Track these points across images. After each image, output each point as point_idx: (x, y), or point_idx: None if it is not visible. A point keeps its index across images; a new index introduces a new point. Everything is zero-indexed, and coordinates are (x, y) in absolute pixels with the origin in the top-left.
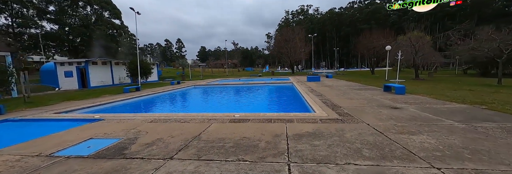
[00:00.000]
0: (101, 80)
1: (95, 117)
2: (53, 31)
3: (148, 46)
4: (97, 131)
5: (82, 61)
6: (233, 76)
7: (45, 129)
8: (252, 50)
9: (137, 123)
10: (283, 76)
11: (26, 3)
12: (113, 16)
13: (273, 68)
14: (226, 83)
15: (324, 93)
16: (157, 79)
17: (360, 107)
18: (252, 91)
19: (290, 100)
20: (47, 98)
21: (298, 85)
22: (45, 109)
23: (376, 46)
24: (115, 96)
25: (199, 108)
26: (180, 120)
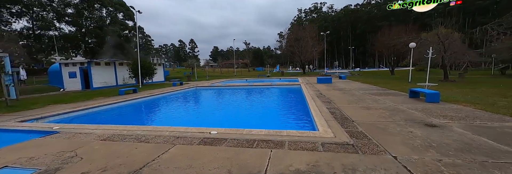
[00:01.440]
0: (104, 81)
1: (54, 129)
2: (71, 33)
3: (163, 46)
4: (26, 152)
5: (84, 62)
6: (241, 76)
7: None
8: (264, 50)
9: (86, 141)
10: (292, 77)
11: (46, 6)
12: (127, 18)
13: (284, 68)
14: (228, 85)
15: (334, 99)
16: (163, 79)
17: (381, 121)
18: (252, 95)
19: (290, 108)
20: (34, 101)
21: (306, 88)
22: (18, 114)
23: (396, 44)
24: (108, 98)
25: (180, 117)
26: (141, 138)
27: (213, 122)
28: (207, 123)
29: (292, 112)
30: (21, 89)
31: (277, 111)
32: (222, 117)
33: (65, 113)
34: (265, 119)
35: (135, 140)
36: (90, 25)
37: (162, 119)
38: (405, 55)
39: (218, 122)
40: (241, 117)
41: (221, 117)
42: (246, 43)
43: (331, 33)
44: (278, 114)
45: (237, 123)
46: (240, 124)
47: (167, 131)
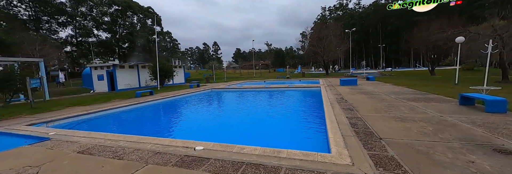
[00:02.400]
0: (128, 83)
1: (49, 135)
2: (107, 39)
3: (188, 49)
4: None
5: (110, 66)
6: (260, 78)
7: None
8: (287, 50)
9: (63, 153)
10: (313, 78)
11: (86, 16)
12: (153, 23)
13: (306, 69)
14: (244, 87)
15: (357, 105)
16: (184, 81)
17: (422, 141)
18: (264, 98)
19: (302, 116)
20: (59, 103)
21: (326, 91)
22: (34, 117)
23: (437, 40)
24: (123, 101)
25: (183, 122)
26: (119, 151)
27: (211, 129)
28: (205, 129)
29: (303, 122)
30: (58, 90)
31: (285, 119)
32: (223, 125)
33: (74, 116)
34: (267, 130)
35: (111, 153)
36: (123, 32)
37: (164, 124)
38: (448, 52)
39: (216, 130)
40: (242, 126)
41: (222, 124)
42: (267, 44)
43: (358, 31)
44: (284, 123)
45: (235, 133)
46: (238, 134)
47: (150, 143)
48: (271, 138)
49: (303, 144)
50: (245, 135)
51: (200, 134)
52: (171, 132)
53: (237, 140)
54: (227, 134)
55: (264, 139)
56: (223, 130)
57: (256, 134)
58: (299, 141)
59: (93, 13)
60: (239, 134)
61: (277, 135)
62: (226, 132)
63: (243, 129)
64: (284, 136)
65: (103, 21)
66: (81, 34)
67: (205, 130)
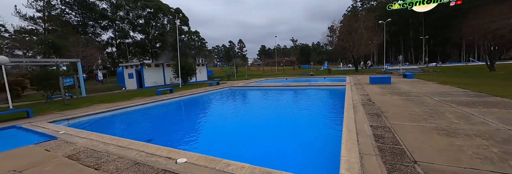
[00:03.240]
0: (154, 81)
1: (59, 133)
2: (141, 40)
3: (215, 48)
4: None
5: (138, 64)
6: (283, 75)
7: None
8: (313, 46)
9: (54, 156)
10: (340, 76)
11: (124, 19)
12: (182, 23)
13: (334, 66)
14: (262, 85)
15: (387, 110)
16: (206, 79)
17: (484, 171)
18: (279, 98)
19: (315, 123)
20: (89, 100)
21: (352, 90)
22: (64, 113)
23: (499, 28)
24: (144, 98)
25: (187, 122)
26: (103, 158)
27: (213, 131)
28: (207, 132)
29: (313, 130)
30: (97, 87)
31: (293, 125)
32: (225, 128)
33: (93, 114)
34: (269, 138)
35: (94, 160)
36: (155, 33)
37: (171, 124)
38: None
39: (218, 133)
40: (242, 131)
41: (225, 127)
42: (293, 40)
43: (395, 22)
44: (291, 132)
45: (231, 138)
46: (235, 139)
47: (137, 151)
48: (269, 149)
49: (305, 163)
50: (241, 142)
51: (201, 136)
52: (175, 133)
53: (232, 146)
54: (225, 139)
55: (262, 149)
56: (223, 134)
57: (254, 142)
58: (302, 157)
59: (130, 17)
60: (236, 139)
61: (278, 146)
62: (225, 136)
63: (242, 135)
64: (285, 149)
65: (138, 23)
66: (120, 36)
67: (207, 132)
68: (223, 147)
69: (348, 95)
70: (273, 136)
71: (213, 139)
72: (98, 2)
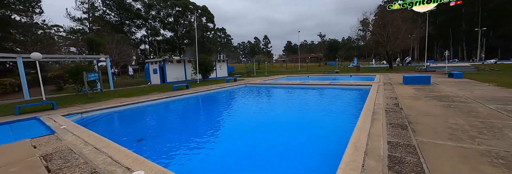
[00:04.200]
0: (176, 76)
1: (60, 128)
2: (170, 37)
3: (241, 44)
4: None
5: (161, 61)
6: (306, 72)
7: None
8: (344, 41)
9: (30, 154)
10: (370, 74)
11: (156, 18)
12: (208, 21)
13: (365, 62)
14: (278, 83)
15: (418, 120)
16: (227, 75)
17: None
18: (289, 99)
19: (316, 136)
20: (111, 94)
21: (377, 92)
22: (83, 106)
23: None
24: (160, 94)
25: (185, 122)
26: (68, 162)
27: (212, 132)
28: (204, 132)
29: (311, 145)
30: (126, 82)
31: (289, 137)
32: (224, 127)
33: (111, 107)
34: (254, 148)
35: (61, 163)
36: (183, 30)
37: (169, 122)
38: None
39: (214, 134)
40: (238, 133)
41: (223, 127)
42: (320, 35)
43: (442, 11)
44: (282, 144)
45: (228, 139)
46: (230, 142)
47: (107, 155)
48: (250, 160)
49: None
50: (233, 146)
51: (198, 137)
52: (175, 134)
53: (224, 149)
54: (220, 140)
55: (247, 156)
56: (219, 135)
57: (244, 147)
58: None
59: (160, 15)
60: (230, 141)
61: (259, 159)
62: (220, 137)
63: (236, 137)
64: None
65: (168, 21)
66: (151, 34)
67: (206, 133)
68: (213, 150)
69: (371, 97)
70: (260, 144)
71: (209, 140)
72: (133, 3)
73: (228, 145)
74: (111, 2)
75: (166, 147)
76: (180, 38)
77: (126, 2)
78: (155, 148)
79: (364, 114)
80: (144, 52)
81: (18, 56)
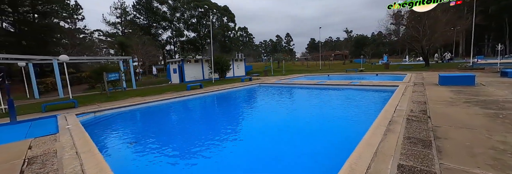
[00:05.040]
0: (194, 76)
1: (66, 127)
2: (193, 38)
3: (262, 43)
4: None
5: (180, 60)
6: (327, 71)
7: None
8: (373, 37)
9: (15, 157)
10: (400, 72)
11: (180, 20)
12: (229, 20)
13: (397, 59)
14: (293, 83)
15: (449, 135)
16: (244, 74)
17: None
18: (298, 100)
19: (309, 153)
20: (129, 93)
21: (403, 94)
22: (100, 105)
23: None
24: (173, 93)
25: (184, 124)
26: (45, 169)
27: (212, 135)
28: (203, 135)
29: (302, 161)
30: (150, 81)
31: (280, 148)
32: (223, 130)
33: (113, 109)
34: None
35: (36, 169)
36: (205, 30)
37: (170, 124)
38: None
39: (212, 137)
40: (236, 137)
41: (222, 130)
42: (347, 31)
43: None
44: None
45: (222, 144)
46: (223, 147)
47: (79, 163)
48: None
49: None
50: (226, 151)
51: (195, 140)
52: (174, 136)
53: (215, 155)
54: (216, 144)
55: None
56: (215, 139)
57: (234, 153)
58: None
59: (184, 17)
60: (223, 146)
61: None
62: (217, 141)
63: (232, 142)
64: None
65: (191, 22)
66: (176, 35)
67: (206, 136)
68: (203, 156)
69: (393, 101)
70: (251, 149)
71: (204, 144)
72: (160, 6)
73: (224, 149)
74: (140, 7)
75: (162, 149)
76: (202, 38)
77: (153, 5)
78: (145, 151)
79: (377, 123)
80: (169, 52)
81: (53, 58)
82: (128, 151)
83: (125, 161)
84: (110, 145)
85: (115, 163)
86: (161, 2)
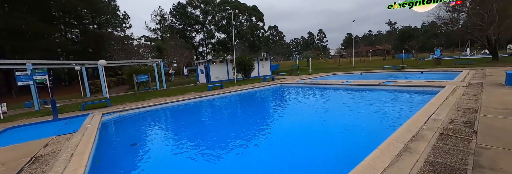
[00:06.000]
0: (219, 76)
1: (85, 126)
2: (223, 39)
3: (294, 40)
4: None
5: (205, 62)
6: (362, 68)
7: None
8: (424, 28)
9: (31, 153)
10: (455, 69)
11: (211, 22)
12: (257, 20)
13: (456, 52)
14: (317, 83)
15: (499, 166)
16: (270, 73)
17: None
18: (308, 105)
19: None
20: (157, 93)
21: (448, 98)
22: (127, 105)
23: None
24: (194, 93)
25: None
26: (39, 168)
27: (210, 139)
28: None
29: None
30: (181, 81)
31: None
32: (220, 134)
33: (135, 108)
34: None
35: (36, 166)
36: (234, 31)
37: (178, 125)
38: None
39: (210, 141)
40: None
41: (220, 134)
42: (390, 23)
43: None
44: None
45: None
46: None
47: (57, 171)
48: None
49: None
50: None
51: (195, 145)
52: (172, 139)
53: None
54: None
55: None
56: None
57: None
58: None
59: (215, 19)
60: (215, 154)
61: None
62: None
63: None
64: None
65: (222, 24)
66: (207, 37)
67: (205, 139)
68: (204, 159)
69: (429, 106)
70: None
71: (207, 146)
72: (193, 10)
73: (227, 151)
74: (176, 13)
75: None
76: (231, 39)
77: (187, 10)
78: (149, 151)
79: (394, 137)
80: (202, 53)
81: (98, 63)
82: (127, 151)
83: (125, 161)
84: (115, 145)
85: (111, 162)
86: (194, 7)
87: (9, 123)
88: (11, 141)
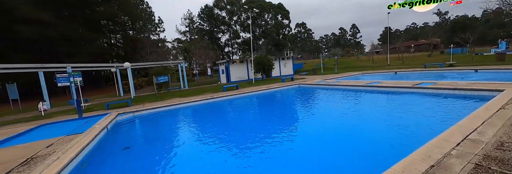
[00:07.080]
0: (239, 76)
1: (94, 126)
2: (248, 39)
3: (323, 37)
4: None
5: (226, 62)
6: (398, 66)
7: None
8: (486, 16)
9: (31, 153)
10: None
11: (237, 22)
12: (283, 18)
13: None
14: (338, 84)
15: None
16: (292, 73)
17: None
18: (319, 111)
19: None
20: (175, 94)
21: (502, 109)
22: (147, 105)
23: None
24: (209, 94)
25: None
26: (35, 170)
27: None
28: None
29: None
30: (204, 81)
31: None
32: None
33: (158, 107)
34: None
35: (24, 168)
36: (259, 30)
37: (183, 128)
38: None
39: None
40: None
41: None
42: (439, 13)
43: None
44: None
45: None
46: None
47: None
48: None
49: None
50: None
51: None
52: (172, 142)
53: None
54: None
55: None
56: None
57: None
58: None
59: (240, 20)
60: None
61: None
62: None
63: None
64: None
65: (247, 24)
66: (233, 37)
67: (205, 144)
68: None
69: (470, 120)
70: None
71: (208, 147)
72: (219, 12)
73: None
74: (204, 15)
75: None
76: (257, 39)
77: (214, 12)
78: (143, 157)
79: (400, 168)
80: (228, 54)
81: (123, 65)
82: (119, 154)
83: (125, 161)
84: (112, 148)
85: (98, 166)
86: (221, 8)
87: (46, 120)
88: (37, 137)
